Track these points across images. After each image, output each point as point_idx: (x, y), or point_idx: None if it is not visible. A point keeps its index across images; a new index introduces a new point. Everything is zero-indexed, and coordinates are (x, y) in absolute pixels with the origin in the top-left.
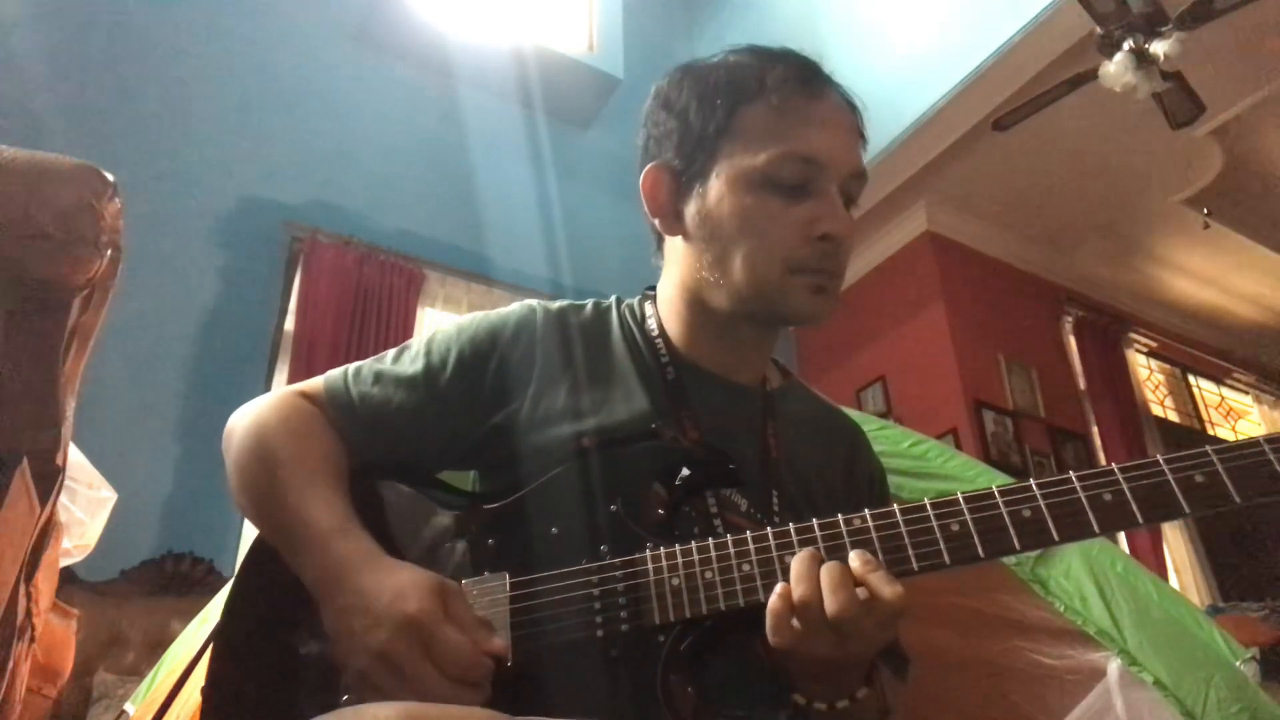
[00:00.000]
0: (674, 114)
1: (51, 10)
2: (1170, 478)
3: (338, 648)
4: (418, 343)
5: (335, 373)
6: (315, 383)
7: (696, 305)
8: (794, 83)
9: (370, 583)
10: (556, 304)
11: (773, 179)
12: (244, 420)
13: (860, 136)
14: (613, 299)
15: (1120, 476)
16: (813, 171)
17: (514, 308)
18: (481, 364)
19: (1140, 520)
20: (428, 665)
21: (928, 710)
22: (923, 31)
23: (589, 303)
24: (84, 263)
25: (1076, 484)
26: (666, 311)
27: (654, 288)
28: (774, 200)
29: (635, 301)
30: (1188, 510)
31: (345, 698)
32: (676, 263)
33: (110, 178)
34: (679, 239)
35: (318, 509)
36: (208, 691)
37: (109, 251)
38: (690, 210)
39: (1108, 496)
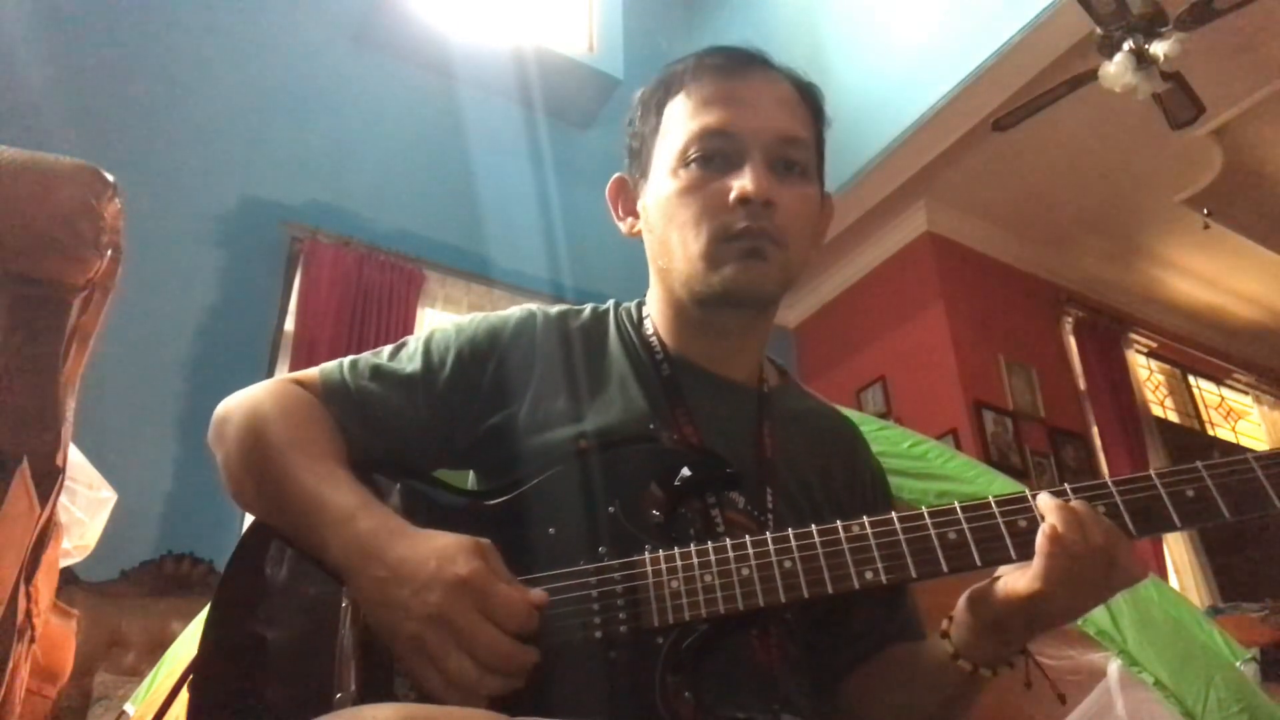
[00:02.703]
0: (630, 125)
1: (51, 11)
2: (1162, 492)
3: (378, 619)
4: (415, 340)
5: (331, 365)
6: (310, 373)
7: (670, 299)
8: (709, 69)
9: (407, 551)
10: (555, 309)
11: (690, 157)
12: (240, 407)
13: (796, 106)
14: (610, 303)
15: (1114, 489)
16: (728, 144)
17: (513, 311)
18: (480, 365)
19: (1134, 533)
20: (484, 621)
21: None
22: (922, 31)
23: (587, 307)
24: (84, 263)
25: (1071, 497)
26: (655, 311)
27: None
28: (696, 178)
29: (633, 305)
30: (1179, 524)
31: (339, 696)
32: (650, 262)
33: (110, 178)
34: (645, 238)
35: (336, 489)
36: (195, 693)
37: (109, 252)
38: (640, 209)
39: (1101, 509)
